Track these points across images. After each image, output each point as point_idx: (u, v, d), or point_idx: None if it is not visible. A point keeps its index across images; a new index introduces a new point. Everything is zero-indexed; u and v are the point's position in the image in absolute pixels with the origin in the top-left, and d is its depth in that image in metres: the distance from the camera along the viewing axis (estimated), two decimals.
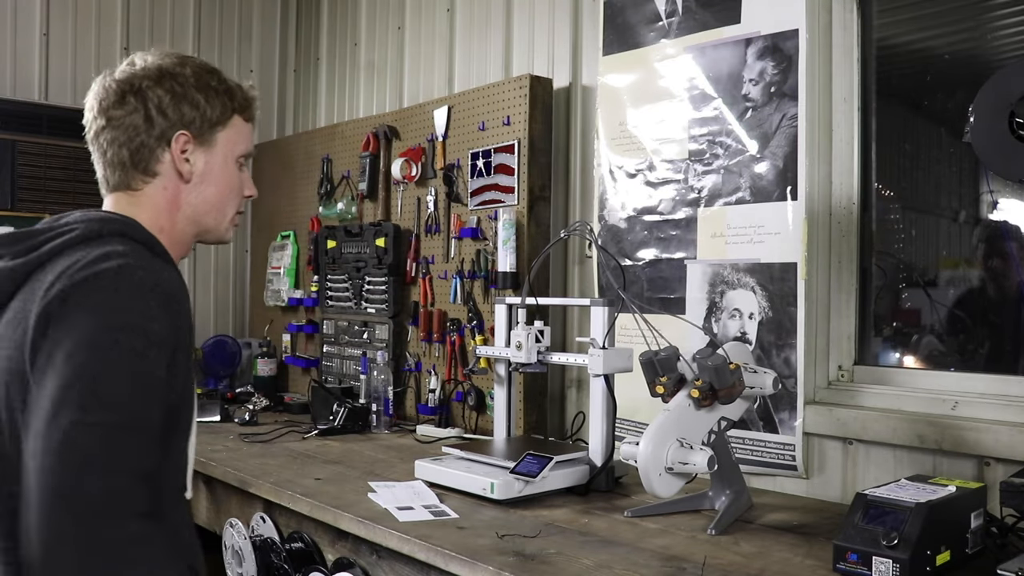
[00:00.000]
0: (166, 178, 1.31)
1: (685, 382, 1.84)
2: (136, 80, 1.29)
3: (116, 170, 1.30)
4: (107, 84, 1.30)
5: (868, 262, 2.27)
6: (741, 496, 1.94)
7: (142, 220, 1.27)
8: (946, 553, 1.49)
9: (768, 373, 1.91)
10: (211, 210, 1.36)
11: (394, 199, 3.36)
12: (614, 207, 2.60)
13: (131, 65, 1.32)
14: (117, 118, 1.28)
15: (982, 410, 1.94)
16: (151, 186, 1.31)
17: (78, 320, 1.08)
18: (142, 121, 1.28)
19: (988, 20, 2.14)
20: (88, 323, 1.08)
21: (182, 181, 1.32)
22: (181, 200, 1.32)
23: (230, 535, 2.27)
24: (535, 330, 2.25)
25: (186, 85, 1.31)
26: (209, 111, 1.33)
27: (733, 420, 1.91)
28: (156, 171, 1.30)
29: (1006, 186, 2.10)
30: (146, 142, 1.28)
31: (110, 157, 1.29)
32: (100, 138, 1.30)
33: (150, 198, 1.31)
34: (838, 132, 2.25)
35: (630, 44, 2.57)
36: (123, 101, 1.28)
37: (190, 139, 1.31)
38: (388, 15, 3.77)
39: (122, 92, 1.28)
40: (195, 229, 1.37)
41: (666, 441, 1.74)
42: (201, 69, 1.34)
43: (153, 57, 1.32)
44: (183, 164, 1.31)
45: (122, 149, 1.28)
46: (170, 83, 1.30)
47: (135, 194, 1.31)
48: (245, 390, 3.66)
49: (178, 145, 1.30)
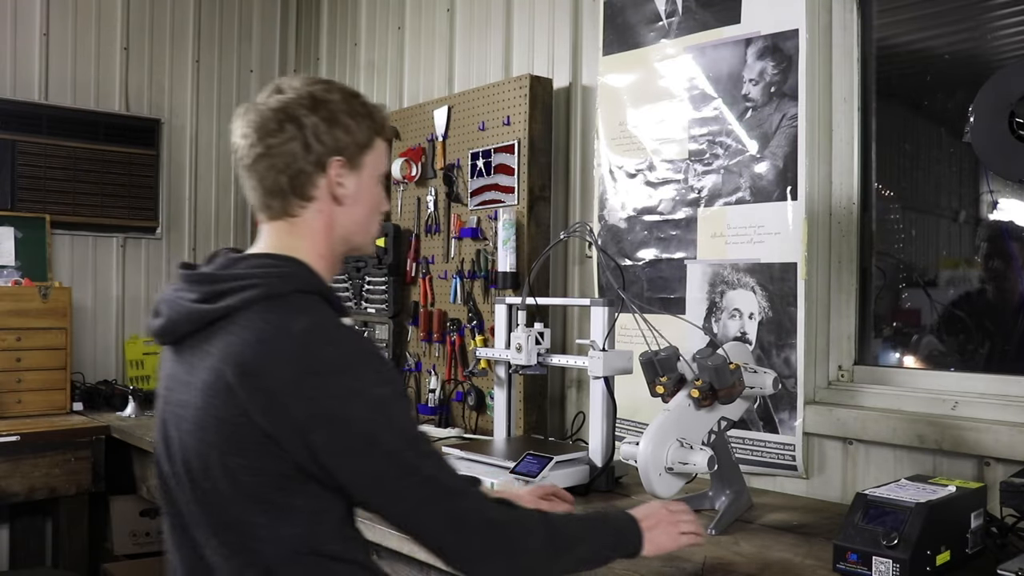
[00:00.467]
0: (321, 202, 1.34)
1: (685, 382, 1.84)
2: (292, 108, 1.31)
3: (276, 198, 1.33)
4: (262, 111, 1.32)
5: (868, 262, 2.27)
6: (741, 496, 1.94)
7: (304, 250, 1.33)
8: (946, 553, 1.49)
9: (768, 373, 1.91)
10: (360, 229, 1.41)
11: (394, 199, 3.36)
12: (614, 207, 2.60)
13: (280, 92, 1.34)
14: (275, 145, 1.30)
15: (982, 410, 1.94)
16: (308, 211, 1.34)
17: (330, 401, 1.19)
18: (300, 148, 1.30)
19: (988, 20, 2.14)
20: None
21: (336, 204, 1.35)
22: (335, 222, 1.36)
23: None
24: (535, 332, 2.25)
25: (337, 111, 1.33)
26: (359, 135, 1.36)
27: (733, 420, 1.91)
28: (312, 196, 1.33)
29: (1006, 186, 2.10)
30: (304, 168, 1.31)
31: (269, 185, 1.32)
32: (259, 165, 1.32)
33: (308, 224, 1.34)
34: (838, 132, 2.25)
35: (630, 44, 2.57)
36: (281, 129, 1.30)
37: (344, 163, 1.34)
38: (388, 15, 3.77)
39: (280, 120, 1.31)
40: (346, 248, 1.41)
41: (666, 441, 1.74)
42: (347, 94, 1.37)
43: (300, 83, 1.35)
44: (337, 188, 1.34)
45: (280, 176, 1.31)
46: (324, 110, 1.32)
47: (294, 221, 1.34)
48: None
49: (333, 170, 1.33)
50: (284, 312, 1.22)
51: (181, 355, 1.29)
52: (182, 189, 4.18)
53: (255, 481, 1.19)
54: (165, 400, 1.32)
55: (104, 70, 3.94)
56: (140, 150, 3.97)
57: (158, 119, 4.07)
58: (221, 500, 1.21)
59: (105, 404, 3.58)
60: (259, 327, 1.20)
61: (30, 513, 3.55)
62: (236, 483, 1.19)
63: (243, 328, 1.21)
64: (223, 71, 4.31)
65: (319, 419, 1.16)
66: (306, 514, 1.20)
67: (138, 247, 4.05)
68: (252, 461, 1.18)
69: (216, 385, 1.20)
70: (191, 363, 1.26)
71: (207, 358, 1.23)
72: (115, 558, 3.48)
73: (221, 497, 1.21)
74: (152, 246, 4.09)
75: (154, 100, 4.08)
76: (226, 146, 4.24)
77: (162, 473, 1.32)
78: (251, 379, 1.17)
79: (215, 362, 1.21)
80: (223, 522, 1.22)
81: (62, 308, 3.46)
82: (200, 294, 1.26)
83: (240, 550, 1.21)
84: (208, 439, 1.21)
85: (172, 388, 1.30)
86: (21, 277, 3.53)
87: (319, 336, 1.21)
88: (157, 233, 4.10)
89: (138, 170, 3.97)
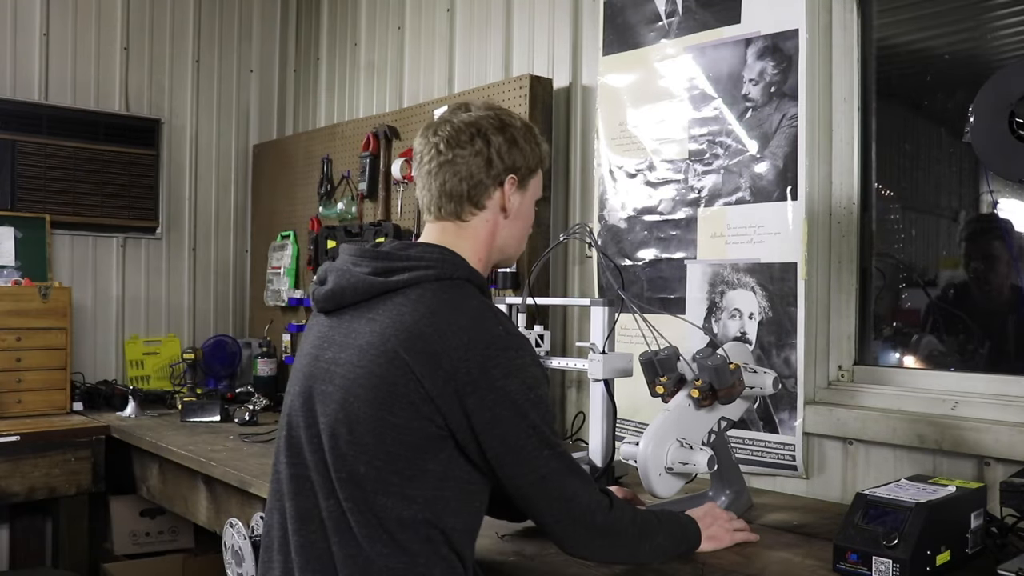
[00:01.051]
0: (491, 212, 1.50)
1: (685, 382, 1.84)
2: (482, 125, 1.48)
3: (451, 200, 1.48)
4: (456, 124, 1.48)
5: (868, 262, 2.27)
6: (741, 496, 1.94)
7: (466, 248, 1.48)
8: (946, 553, 1.49)
9: (768, 373, 1.91)
10: (515, 242, 1.58)
11: (394, 199, 3.36)
12: (614, 207, 2.60)
13: (467, 111, 1.50)
14: (463, 156, 1.46)
15: (982, 410, 1.94)
16: (477, 218, 1.49)
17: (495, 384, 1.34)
18: (484, 162, 1.47)
19: (988, 20, 2.14)
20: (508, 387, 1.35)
21: (503, 216, 1.52)
22: (497, 233, 1.52)
23: (230, 535, 2.27)
24: (535, 335, 2.25)
25: (517, 136, 1.50)
26: (531, 160, 1.53)
27: (733, 420, 1.90)
28: (485, 205, 1.49)
29: (1006, 186, 2.10)
30: (484, 180, 1.47)
31: (448, 188, 1.47)
32: (443, 170, 1.47)
33: (475, 229, 1.50)
34: (838, 132, 2.25)
35: (630, 44, 2.57)
36: (471, 142, 1.46)
37: (516, 181, 1.51)
38: (388, 15, 3.77)
39: (471, 134, 1.47)
40: (500, 257, 1.57)
41: (666, 441, 1.74)
42: (524, 124, 1.54)
43: (484, 108, 1.52)
44: (507, 202, 1.50)
45: (462, 183, 1.47)
46: (509, 132, 1.49)
47: (463, 225, 1.49)
48: (245, 390, 3.66)
49: (508, 186, 1.50)
50: (456, 292, 1.39)
51: (339, 320, 1.43)
52: (182, 189, 4.18)
53: (398, 439, 1.31)
54: (315, 358, 1.44)
55: (104, 70, 3.94)
56: (140, 150, 3.96)
57: (158, 119, 4.07)
58: (359, 453, 1.32)
59: (105, 404, 3.58)
60: (432, 301, 1.36)
61: (30, 513, 3.54)
62: (381, 438, 1.31)
63: (415, 301, 1.36)
64: (223, 71, 4.31)
65: (482, 385, 1.30)
66: (434, 479, 1.33)
67: (138, 247, 4.05)
68: (402, 419, 1.31)
69: (381, 347, 1.33)
70: (351, 327, 1.40)
71: (372, 324, 1.37)
72: (115, 558, 3.48)
73: (361, 450, 1.32)
74: (152, 246, 4.09)
75: (154, 100, 4.08)
76: (226, 146, 4.29)
77: (292, 424, 1.44)
78: (421, 344, 1.31)
79: (381, 328, 1.35)
80: (355, 477, 1.32)
81: (62, 308, 3.46)
82: (373, 268, 1.40)
83: (364, 507, 1.32)
84: (360, 393, 1.33)
85: (324, 348, 1.43)
86: (21, 277, 3.52)
87: (489, 315, 1.38)
88: (157, 233, 4.10)
89: (138, 170, 3.96)
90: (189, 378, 3.75)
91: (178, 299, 4.17)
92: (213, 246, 4.29)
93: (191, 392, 3.68)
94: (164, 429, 3.02)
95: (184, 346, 4.03)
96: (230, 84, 4.32)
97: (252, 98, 4.42)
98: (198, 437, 2.86)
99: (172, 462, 2.66)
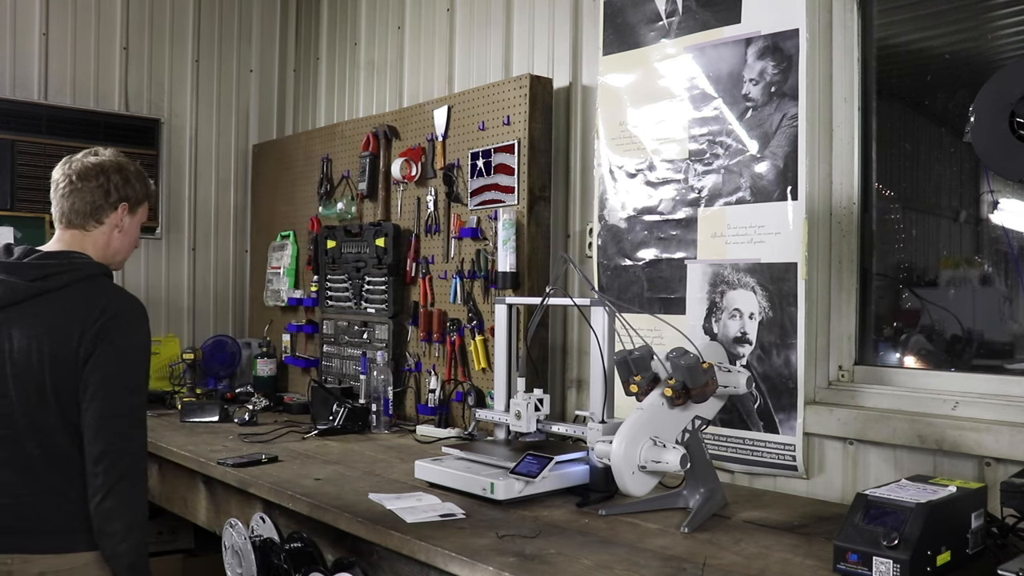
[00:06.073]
0: (108, 227, 1.97)
1: (659, 381, 1.84)
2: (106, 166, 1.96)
3: (79, 216, 1.95)
4: (85, 164, 1.93)
5: (868, 262, 2.27)
6: (715, 494, 1.93)
7: (90, 250, 1.95)
8: (946, 553, 1.49)
9: (741, 372, 1.91)
10: (124, 252, 2.04)
11: (394, 199, 3.36)
12: (614, 207, 2.60)
13: (97, 155, 1.96)
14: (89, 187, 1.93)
15: (982, 410, 1.94)
16: (98, 231, 1.95)
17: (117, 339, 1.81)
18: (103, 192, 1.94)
19: (988, 20, 2.14)
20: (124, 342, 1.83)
21: (117, 231, 1.98)
22: (111, 243, 1.98)
23: (230, 535, 2.26)
24: (534, 398, 2.25)
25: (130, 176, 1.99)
26: (140, 194, 2.01)
27: (708, 419, 1.91)
28: (103, 221, 1.95)
29: (1006, 186, 2.10)
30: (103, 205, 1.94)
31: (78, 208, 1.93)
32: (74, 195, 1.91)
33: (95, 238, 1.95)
34: (838, 132, 2.25)
35: (630, 44, 2.57)
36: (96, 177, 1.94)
37: (127, 208, 1.99)
38: (388, 15, 3.77)
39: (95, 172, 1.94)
40: (111, 261, 2.00)
41: (639, 440, 1.74)
42: (137, 168, 2.02)
43: (110, 153, 1.99)
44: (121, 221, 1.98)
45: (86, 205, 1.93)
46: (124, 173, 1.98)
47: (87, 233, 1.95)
48: (245, 390, 3.66)
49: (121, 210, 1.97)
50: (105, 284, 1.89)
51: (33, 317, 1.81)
52: (182, 189, 4.18)
53: None
54: None
55: (104, 70, 3.94)
56: (140, 150, 3.96)
57: (158, 119, 4.07)
58: None
59: None
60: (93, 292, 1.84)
61: None
62: None
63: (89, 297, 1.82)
64: (223, 71, 4.31)
65: None
66: None
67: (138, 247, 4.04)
68: None
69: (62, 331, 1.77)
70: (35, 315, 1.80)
71: None
72: None
73: None
74: (152, 246, 4.09)
75: (154, 100, 4.08)
76: (226, 146, 4.29)
77: None
78: None
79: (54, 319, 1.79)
80: None
81: None
82: (24, 276, 1.79)
83: None
84: None
85: None
86: None
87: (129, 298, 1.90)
88: (157, 233, 4.09)
89: None
90: (189, 378, 3.75)
91: (178, 299, 4.17)
92: (213, 246, 4.29)
93: (191, 392, 3.68)
94: (164, 429, 3.01)
95: (184, 346, 4.03)
96: (230, 84, 4.32)
97: (252, 98, 4.41)
98: (198, 437, 2.85)
99: (172, 462, 2.66)
